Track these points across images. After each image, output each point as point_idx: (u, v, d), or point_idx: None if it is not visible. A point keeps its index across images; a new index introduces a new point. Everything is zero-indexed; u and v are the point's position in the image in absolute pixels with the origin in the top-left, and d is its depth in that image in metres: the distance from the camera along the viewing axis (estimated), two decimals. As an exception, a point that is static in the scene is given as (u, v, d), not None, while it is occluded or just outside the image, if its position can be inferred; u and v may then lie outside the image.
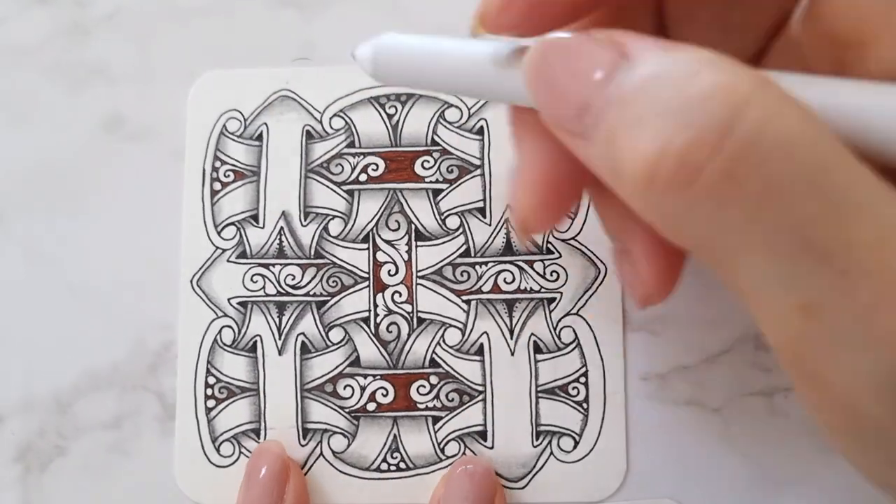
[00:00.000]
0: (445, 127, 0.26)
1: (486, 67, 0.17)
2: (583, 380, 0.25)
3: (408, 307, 0.25)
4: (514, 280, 0.25)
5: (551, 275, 0.25)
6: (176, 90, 0.27)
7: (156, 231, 0.26)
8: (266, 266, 0.25)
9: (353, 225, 0.26)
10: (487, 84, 0.17)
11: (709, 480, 0.24)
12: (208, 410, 0.25)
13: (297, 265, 0.25)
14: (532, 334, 0.25)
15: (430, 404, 0.25)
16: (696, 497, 0.24)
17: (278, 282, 0.25)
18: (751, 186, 0.13)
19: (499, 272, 0.25)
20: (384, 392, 0.25)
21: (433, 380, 0.25)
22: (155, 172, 0.26)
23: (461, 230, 0.26)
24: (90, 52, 0.27)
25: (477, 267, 0.25)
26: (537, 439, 0.25)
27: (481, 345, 0.25)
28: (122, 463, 0.25)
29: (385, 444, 0.25)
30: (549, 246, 0.26)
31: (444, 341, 0.25)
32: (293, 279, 0.25)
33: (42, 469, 0.25)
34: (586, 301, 0.25)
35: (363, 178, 0.26)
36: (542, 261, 0.25)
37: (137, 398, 0.25)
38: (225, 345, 0.25)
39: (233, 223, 0.26)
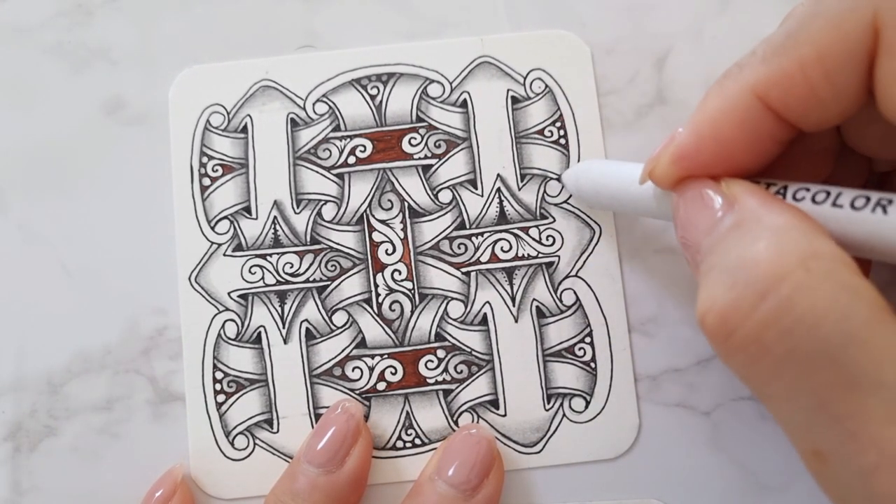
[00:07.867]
0: (429, 102, 0.26)
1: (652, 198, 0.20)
2: (588, 339, 0.25)
3: (408, 284, 0.25)
4: (510, 248, 0.26)
5: (547, 239, 0.26)
6: (177, 74, 0.26)
7: (152, 215, 0.26)
8: (263, 256, 0.25)
9: (346, 208, 0.26)
10: (656, 209, 0.21)
11: (696, 483, 0.24)
12: (219, 405, 0.25)
13: (294, 253, 0.25)
14: (534, 299, 0.25)
15: (440, 378, 0.25)
16: (683, 499, 0.24)
17: (277, 271, 0.25)
18: (776, 350, 0.15)
19: (495, 241, 0.26)
20: (393, 370, 0.25)
21: (440, 353, 0.25)
22: (153, 155, 0.26)
23: (454, 203, 0.26)
24: (92, 33, 0.27)
25: (473, 238, 0.26)
26: (549, 402, 0.25)
27: (485, 315, 0.25)
28: (111, 445, 0.25)
29: (399, 421, 0.25)
30: (543, 211, 0.26)
31: (447, 315, 0.25)
32: (291, 267, 0.25)
33: (31, 449, 0.25)
34: (584, 262, 0.25)
35: (352, 160, 0.26)
36: (536, 226, 0.26)
37: (129, 381, 0.25)
38: (229, 339, 0.25)
39: (226, 217, 0.26)
